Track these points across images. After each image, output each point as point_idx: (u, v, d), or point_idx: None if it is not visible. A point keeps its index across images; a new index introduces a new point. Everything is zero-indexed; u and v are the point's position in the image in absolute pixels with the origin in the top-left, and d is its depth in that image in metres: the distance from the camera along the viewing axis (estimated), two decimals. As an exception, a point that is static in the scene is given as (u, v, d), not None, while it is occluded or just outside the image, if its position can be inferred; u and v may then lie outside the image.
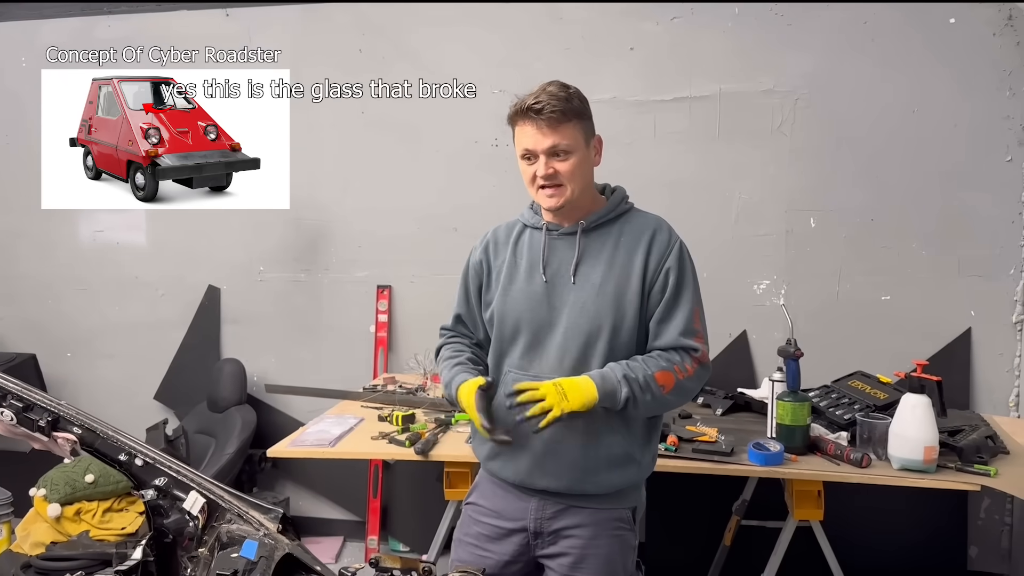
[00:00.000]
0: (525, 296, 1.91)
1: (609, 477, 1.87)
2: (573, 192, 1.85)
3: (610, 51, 3.59)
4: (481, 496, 2.01)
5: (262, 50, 3.88)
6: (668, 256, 1.87)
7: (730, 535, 3.29)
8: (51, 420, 1.68)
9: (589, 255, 1.89)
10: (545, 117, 1.80)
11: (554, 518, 1.90)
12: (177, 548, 1.66)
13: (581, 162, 1.85)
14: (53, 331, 4.28)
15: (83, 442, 1.68)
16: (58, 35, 4.08)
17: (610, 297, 1.85)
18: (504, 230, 2.03)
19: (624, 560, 1.93)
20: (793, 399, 2.55)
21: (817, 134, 3.44)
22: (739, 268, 3.53)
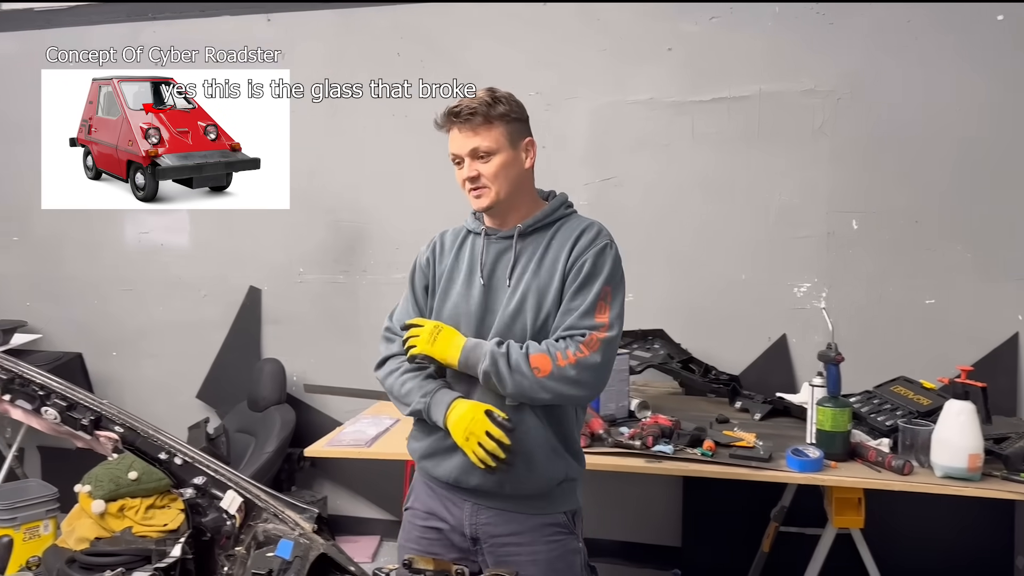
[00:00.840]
0: (463, 300, 1.94)
1: (537, 474, 1.86)
2: (499, 193, 1.88)
3: (647, 52, 3.57)
4: (417, 500, 2.03)
5: (301, 54, 3.95)
6: (588, 251, 1.87)
7: (768, 541, 3.25)
8: (93, 419, 1.72)
9: (523, 258, 1.92)
10: (464, 120, 1.86)
11: (489, 524, 1.91)
12: (215, 546, 1.69)
13: (505, 164, 1.88)
14: (99, 331, 4.38)
15: (124, 440, 1.72)
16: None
17: (533, 296, 1.88)
18: (451, 235, 2.06)
19: (567, 565, 1.93)
20: (834, 404, 2.51)
21: (859, 134, 3.37)
22: (778, 271, 3.48)
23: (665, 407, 3.01)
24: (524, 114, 1.95)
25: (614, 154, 3.63)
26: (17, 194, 4.42)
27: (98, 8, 4.16)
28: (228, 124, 3.99)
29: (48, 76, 4.17)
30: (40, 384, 1.72)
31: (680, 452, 2.55)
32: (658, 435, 2.59)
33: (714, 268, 3.53)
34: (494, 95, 1.89)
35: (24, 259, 4.47)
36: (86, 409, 1.72)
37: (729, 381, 3.30)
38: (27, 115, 4.32)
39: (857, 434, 2.62)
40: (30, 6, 4.26)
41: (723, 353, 3.51)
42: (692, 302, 3.57)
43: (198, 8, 4.05)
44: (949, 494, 2.36)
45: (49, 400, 1.71)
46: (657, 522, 3.66)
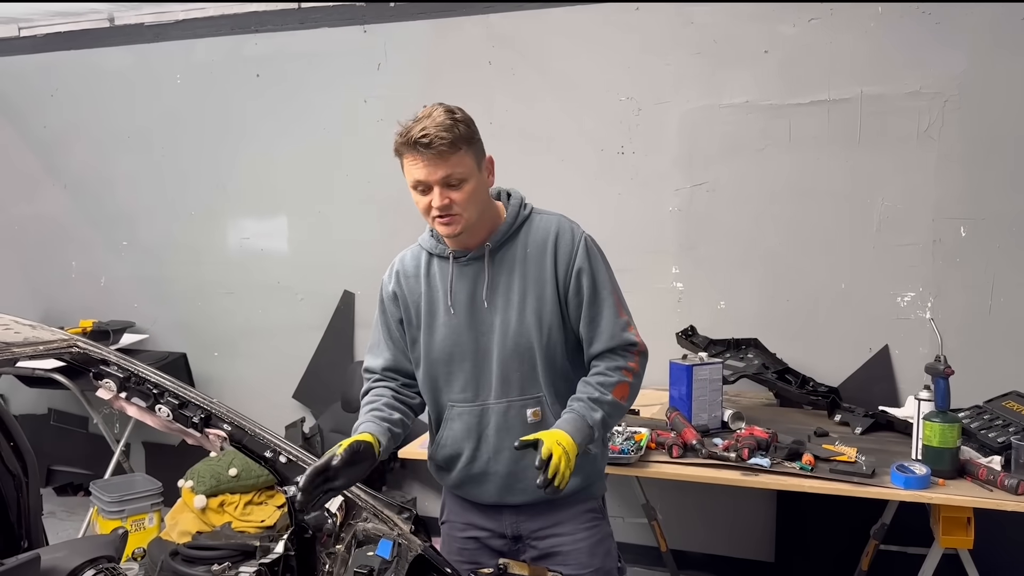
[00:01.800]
0: (451, 330, 1.89)
1: (572, 481, 1.81)
2: (469, 219, 1.81)
3: (743, 54, 3.50)
4: (452, 513, 2.04)
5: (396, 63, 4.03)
6: (575, 257, 1.86)
7: (867, 560, 3.13)
8: (204, 417, 1.79)
9: (502, 274, 1.88)
10: (435, 150, 1.74)
11: (529, 520, 1.94)
12: (316, 543, 1.73)
13: (476, 188, 1.81)
14: (202, 332, 4.55)
15: (232, 439, 1.79)
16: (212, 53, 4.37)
17: (532, 312, 1.85)
18: (411, 260, 1.98)
19: (606, 549, 1.97)
20: (942, 419, 2.41)
21: (968, 138, 3.23)
22: (881, 279, 3.36)
23: (760, 419, 2.94)
24: (477, 130, 1.86)
25: (706, 159, 3.57)
26: (126, 201, 4.64)
27: (205, 22, 4.33)
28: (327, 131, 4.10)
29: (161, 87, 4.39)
30: (154, 383, 1.80)
31: (777, 465, 2.48)
32: (754, 447, 2.54)
33: (812, 276, 3.44)
34: (453, 116, 1.78)
35: (132, 263, 4.68)
36: (197, 407, 1.80)
37: (828, 393, 3.20)
38: (141, 125, 4.56)
39: (966, 451, 2.50)
40: (141, 20, 4.48)
41: (821, 364, 3.40)
42: (788, 311, 3.48)
43: (297, 20, 4.18)
44: (1068, 517, 2.24)
45: (163, 398, 1.80)
46: (750, 536, 3.58)
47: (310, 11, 4.16)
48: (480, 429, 1.90)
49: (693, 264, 3.62)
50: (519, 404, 1.88)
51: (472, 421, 1.90)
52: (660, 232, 3.65)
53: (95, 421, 4.22)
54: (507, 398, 1.88)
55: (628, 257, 3.67)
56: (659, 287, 3.64)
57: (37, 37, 4.70)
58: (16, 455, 2.04)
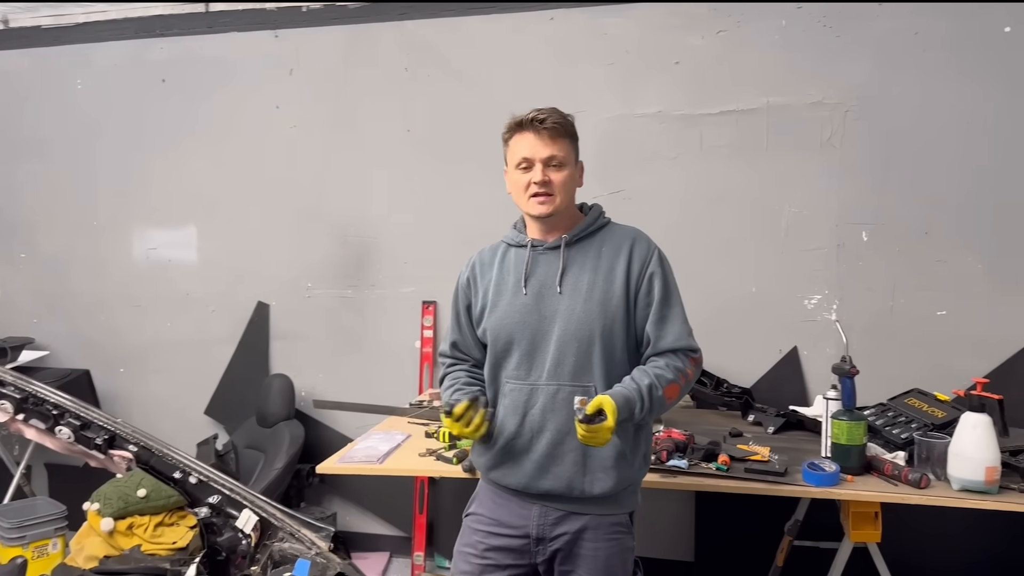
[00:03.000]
0: (515, 309, 2.01)
1: (606, 477, 1.96)
2: (561, 203, 1.98)
3: (655, 65, 3.57)
4: (481, 506, 2.10)
5: (308, 69, 3.97)
6: (650, 262, 2.00)
7: (782, 556, 3.23)
8: (107, 438, 1.72)
9: (574, 265, 2.00)
10: (548, 127, 1.95)
11: (556, 524, 1.99)
12: (230, 566, 1.68)
13: (571, 177, 2.00)
14: (106, 347, 4.37)
15: (138, 460, 1.72)
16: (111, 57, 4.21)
17: (597, 303, 1.96)
18: (488, 252, 2.14)
19: (623, 562, 2.02)
20: (849, 418, 2.49)
21: (868, 146, 3.37)
22: (789, 283, 3.47)
23: (677, 421, 3.00)
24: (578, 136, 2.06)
25: (622, 168, 3.62)
26: (23, 210, 4.43)
27: (107, 24, 4.17)
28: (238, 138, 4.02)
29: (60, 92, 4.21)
30: (54, 403, 1.72)
31: (695, 467, 2.53)
32: (672, 449, 2.57)
33: (724, 281, 3.52)
34: (565, 115, 2.00)
35: (31, 276, 4.47)
36: (100, 428, 1.72)
37: (741, 394, 3.28)
38: (38, 131, 4.36)
39: (872, 447, 2.60)
40: (38, 22, 4.28)
41: (734, 366, 3.49)
42: (702, 315, 3.49)
43: (205, 23, 4.07)
44: (967, 507, 2.34)
45: (63, 419, 1.71)
46: (670, 537, 3.64)
47: (218, 15, 4.05)
48: (527, 407, 1.99)
49: (610, 270, 3.66)
50: (568, 389, 1.95)
51: (521, 398, 1.98)
52: (577, 239, 3.67)
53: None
54: (558, 381, 1.96)
55: (546, 264, 3.72)
56: (577, 294, 3.67)
57: (-77, 39, 4.45)
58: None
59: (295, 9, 3.95)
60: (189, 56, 4.12)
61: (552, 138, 1.95)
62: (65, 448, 1.73)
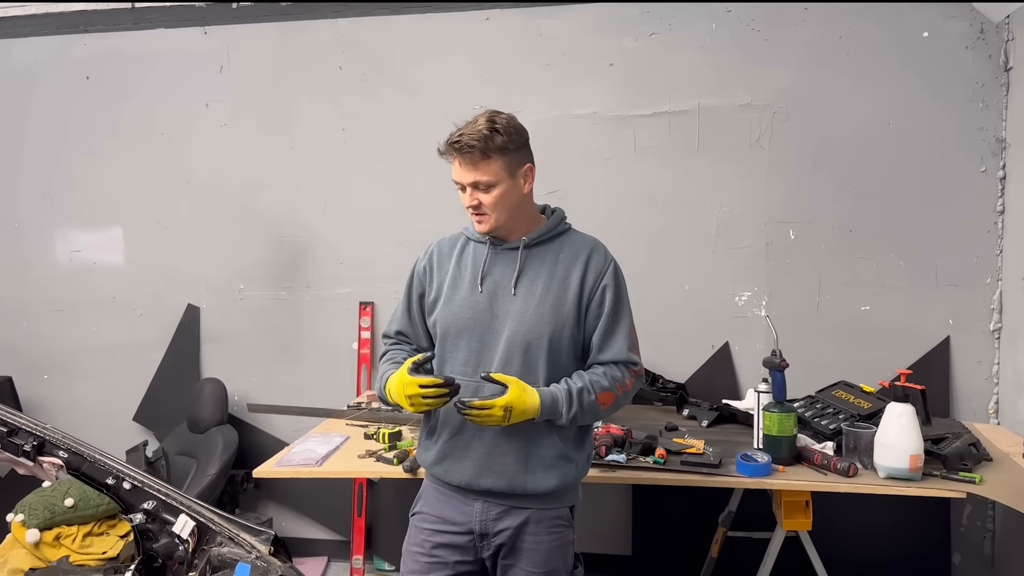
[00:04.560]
0: (469, 306, 2.02)
1: (547, 476, 1.99)
2: (498, 220, 1.98)
3: (590, 67, 3.61)
4: (426, 505, 2.11)
5: (239, 67, 3.89)
6: (604, 274, 2.02)
7: (717, 547, 3.30)
8: (36, 444, 1.66)
9: (530, 268, 2.02)
10: (465, 155, 1.93)
11: (499, 519, 2.02)
12: (167, 572, 1.64)
13: (504, 194, 1.96)
14: (29, 353, 4.21)
15: (69, 466, 1.67)
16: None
17: (550, 308, 1.98)
18: (448, 243, 2.15)
19: (564, 555, 2.06)
20: (779, 410, 2.57)
21: (795, 147, 3.47)
22: (720, 280, 3.55)
23: (615, 417, 3.01)
24: (523, 139, 2.00)
25: (558, 167, 3.65)
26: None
27: (26, 20, 4.02)
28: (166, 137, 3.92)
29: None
30: (-23, 410, 1.65)
31: (633, 461, 2.57)
32: (611, 444, 2.62)
33: (658, 278, 3.59)
34: (493, 126, 1.93)
35: (-54, 280, 4.28)
36: (28, 434, 1.66)
37: (676, 389, 3.35)
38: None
39: (802, 438, 2.68)
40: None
41: (668, 362, 3.56)
42: (637, 312, 3.54)
43: (131, 19, 3.96)
44: (892, 494, 2.44)
45: (-13, 426, 1.65)
46: (607, 531, 3.68)
47: (145, 11, 3.95)
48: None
49: (547, 269, 3.69)
50: None
51: (466, 394, 1.96)
52: (514, 239, 3.70)
53: (-96, 456, 3.82)
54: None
55: (484, 264, 3.73)
56: (515, 293, 3.69)
57: None
58: None
59: (225, 6, 3.87)
60: (114, 53, 4.00)
61: (473, 163, 1.92)
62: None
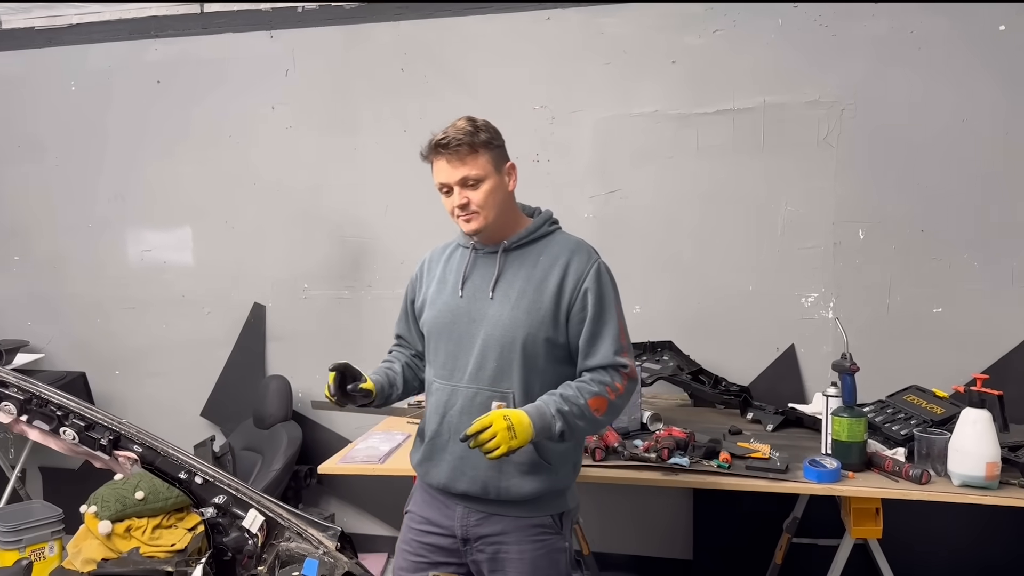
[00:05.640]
0: (449, 309, 2.04)
1: (521, 484, 1.96)
2: (487, 217, 1.97)
3: (652, 65, 3.58)
4: (415, 504, 2.14)
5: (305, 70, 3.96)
6: (585, 278, 1.98)
7: (781, 553, 3.23)
8: (112, 439, 1.70)
9: (509, 272, 2.01)
10: (452, 151, 1.94)
11: (479, 525, 2.01)
12: (236, 566, 1.67)
13: (493, 189, 1.97)
14: (101, 349, 4.34)
15: (143, 460, 1.71)
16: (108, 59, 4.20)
17: (524, 311, 1.96)
18: (440, 249, 2.19)
19: (553, 563, 2.02)
20: (849, 414, 2.50)
21: (864, 145, 3.38)
22: (786, 281, 3.48)
23: (676, 419, 3.00)
24: (502, 140, 2.04)
25: (618, 167, 3.63)
26: (18, 213, 4.40)
27: (101, 26, 4.15)
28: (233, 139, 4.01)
29: (54, 95, 4.18)
30: (58, 404, 1.70)
31: (696, 464, 2.53)
32: (673, 447, 2.58)
33: (722, 279, 3.53)
34: (475, 124, 1.97)
35: (25, 279, 4.43)
36: (105, 429, 1.71)
37: (740, 392, 3.29)
38: (32, 134, 4.34)
39: (872, 444, 2.61)
40: (31, 23, 4.26)
41: (732, 364, 3.50)
42: (700, 313, 3.57)
43: (200, 24, 4.05)
44: (967, 503, 2.35)
45: (67, 420, 1.70)
46: (668, 535, 3.64)
47: (213, 16, 4.04)
48: (447, 408, 2.02)
49: (608, 270, 3.67)
50: (487, 393, 1.97)
51: (442, 398, 2.02)
52: (575, 238, 3.68)
53: (-14, 447, 3.99)
54: (477, 385, 1.98)
55: (544, 264, 3.72)
56: (575, 293, 3.67)
57: (-86, 40, 4.42)
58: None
59: (290, 10, 3.94)
60: (184, 57, 4.10)
61: (461, 159, 1.94)
62: (69, 449, 1.72)
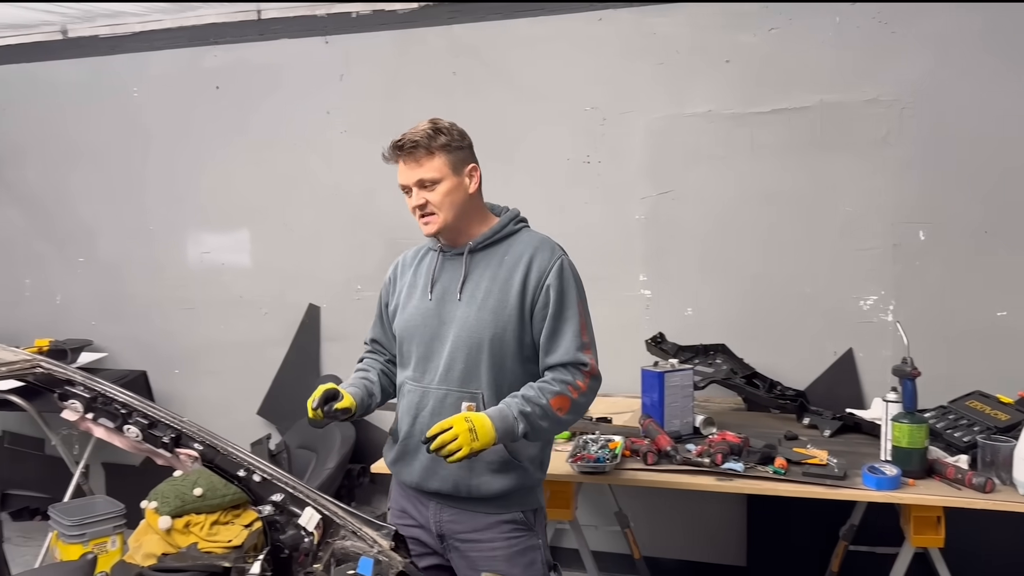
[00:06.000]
0: (419, 313, 2.08)
1: (491, 482, 2.00)
2: (446, 219, 2.01)
3: (705, 64, 3.54)
4: (393, 500, 2.21)
5: (358, 74, 4.00)
6: (548, 274, 2.00)
7: (838, 561, 3.18)
8: (174, 437, 1.74)
9: (475, 273, 2.05)
10: (408, 152, 2.00)
11: (452, 521, 2.06)
12: (293, 563, 1.69)
13: (450, 191, 2.01)
14: (162, 349, 4.45)
15: (204, 458, 1.74)
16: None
17: (490, 311, 1.99)
18: (412, 253, 2.22)
19: (529, 561, 2.05)
20: (910, 420, 2.44)
21: (925, 144, 3.30)
22: (843, 284, 3.41)
23: (729, 423, 2.97)
24: (466, 142, 2.08)
25: (670, 167, 3.60)
26: (82, 216, 4.54)
27: (162, 33, 4.26)
28: (290, 143, 4.07)
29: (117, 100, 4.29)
30: (122, 402, 1.75)
31: (751, 470, 2.50)
32: (727, 452, 2.55)
33: (776, 281, 3.48)
34: (436, 126, 2.03)
35: (89, 280, 4.57)
36: (167, 427, 1.74)
37: (796, 396, 3.23)
38: (96, 139, 4.47)
39: (934, 450, 2.54)
40: (95, 32, 4.39)
41: (787, 368, 3.44)
42: (754, 316, 3.52)
43: (257, 31, 4.13)
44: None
45: (131, 418, 1.74)
46: (722, 541, 3.60)
47: (270, 22, 4.11)
48: (418, 409, 2.05)
49: (660, 271, 3.64)
50: (456, 394, 2.00)
51: (414, 399, 2.06)
52: (627, 240, 3.66)
53: (53, 443, 4.11)
54: (447, 386, 2.02)
55: (595, 265, 3.67)
56: (627, 295, 3.66)
57: (-13, 50, 4.58)
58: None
59: (345, 15, 4.00)
60: (241, 63, 4.18)
61: (417, 160, 1.99)
62: (132, 446, 1.76)
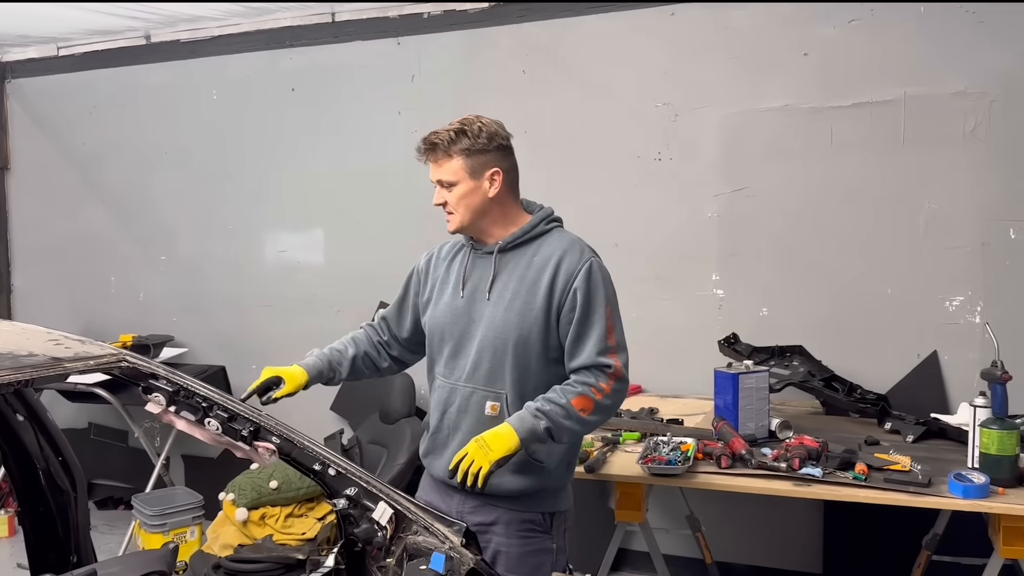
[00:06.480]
0: (450, 310, 2.09)
1: (512, 480, 1.99)
2: (462, 220, 2.04)
3: (782, 58, 3.45)
4: (423, 491, 2.21)
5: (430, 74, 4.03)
6: (575, 277, 1.98)
7: (919, 571, 3.07)
8: (253, 430, 1.78)
9: (504, 272, 2.05)
10: (428, 151, 2.03)
11: (472, 513, 2.04)
12: (366, 557, 1.71)
13: (467, 193, 2.01)
14: (240, 345, 4.55)
15: (281, 451, 1.78)
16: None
17: (517, 312, 2.00)
18: (448, 246, 2.22)
19: (540, 563, 2.03)
20: (1000, 426, 2.34)
21: (1016, 137, 3.16)
22: (928, 284, 3.28)
23: (806, 427, 2.89)
24: (493, 144, 2.03)
25: (745, 164, 3.52)
26: (164, 216, 4.69)
27: (240, 37, 4.37)
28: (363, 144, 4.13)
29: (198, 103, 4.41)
30: (203, 396, 1.80)
31: (830, 475, 2.42)
32: (805, 457, 2.48)
33: (856, 281, 3.37)
34: (460, 128, 2.01)
35: (170, 277, 4.72)
36: (246, 420, 1.79)
37: (877, 400, 3.12)
38: (177, 141, 4.61)
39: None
40: (177, 36, 4.52)
41: (867, 371, 3.32)
42: (832, 317, 3.42)
43: (331, 33, 4.20)
44: None
45: (212, 412, 1.79)
46: (797, 547, 3.51)
47: (344, 25, 4.18)
48: (447, 405, 2.09)
49: (734, 271, 3.57)
50: (481, 393, 2.03)
51: (443, 395, 2.09)
52: (700, 238, 3.60)
53: (136, 435, 4.25)
54: (473, 384, 2.04)
55: (667, 264, 3.66)
56: (699, 294, 3.60)
57: (75, 56, 4.77)
58: (64, 470, 2.04)
59: (416, 16, 4.03)
60: (316, 65, 4.26)
61: (437, 161, 2.02)
62: (213, 439, 1.81)
